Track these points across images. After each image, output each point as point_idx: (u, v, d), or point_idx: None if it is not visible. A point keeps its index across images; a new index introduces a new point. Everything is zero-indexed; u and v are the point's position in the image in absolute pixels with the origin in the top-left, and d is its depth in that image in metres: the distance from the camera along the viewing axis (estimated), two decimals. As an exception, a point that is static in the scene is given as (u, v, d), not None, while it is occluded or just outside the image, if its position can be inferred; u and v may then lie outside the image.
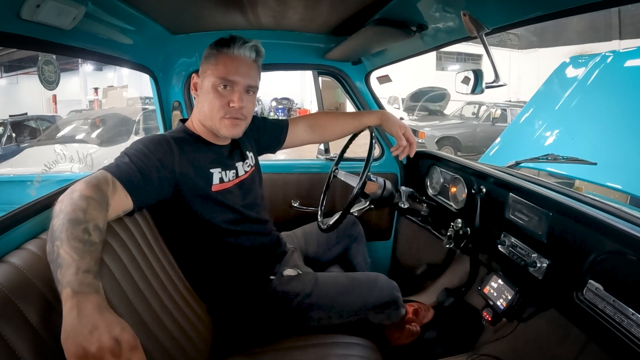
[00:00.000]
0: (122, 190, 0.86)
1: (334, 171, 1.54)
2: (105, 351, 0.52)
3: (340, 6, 1.26)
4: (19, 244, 0.75)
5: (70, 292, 0.57)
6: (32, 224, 0.81)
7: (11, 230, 0.76)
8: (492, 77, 1.08)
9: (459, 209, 1.52)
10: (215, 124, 1.09)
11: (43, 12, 0.81)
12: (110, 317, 0.56)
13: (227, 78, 1.06)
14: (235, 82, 1.07)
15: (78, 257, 0.63)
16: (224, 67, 1.06)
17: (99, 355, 0.51)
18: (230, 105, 1.07)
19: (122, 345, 0.53)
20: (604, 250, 0.90)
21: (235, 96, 1.07)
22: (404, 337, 1.38)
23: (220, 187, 1.11)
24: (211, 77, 1.07)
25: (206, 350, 1.07)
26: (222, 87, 1.07)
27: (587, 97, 3.07)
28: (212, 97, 1.07)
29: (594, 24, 14.45)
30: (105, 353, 0.52)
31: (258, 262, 1.20)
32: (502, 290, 1.31)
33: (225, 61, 1.07)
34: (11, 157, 5.56)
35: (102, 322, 0.54)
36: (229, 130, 1.10)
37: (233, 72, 1.06)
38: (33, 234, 0.79)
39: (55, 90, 7.77)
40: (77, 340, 0.52)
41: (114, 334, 0.54)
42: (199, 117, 1.13)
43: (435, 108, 12.25)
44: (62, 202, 0.73)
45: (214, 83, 1.07)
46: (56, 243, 0.65)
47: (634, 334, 0.80)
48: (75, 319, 0.54)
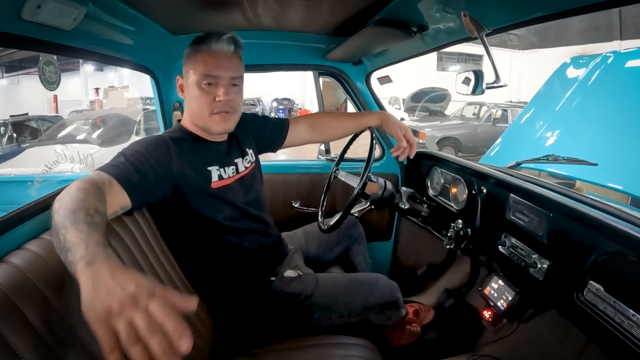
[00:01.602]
0: (119, 187, 0.86)
1: (335, 172, 1.54)
2: (125, 308, 0.51)
3: (341, 7, 1.26)
4: (19, 244, 0.75)
5: (83, 265, 0.58)
6: (32, 224, 0.81)
7: (12, 231, 0.76)
8: (492, 78, 1.08)
9: (459, 209, 1.52)
10: (206, 121, 1.10)
11: (44, 12, 0.81)
12: (123, 277, 0.55)
13: (209, 74, 1.06)
14: (218, 77, 1.07)
15: (85, 236, 0.63)
16: (203, 63, 1.06)
17: (120, 312, 0.50)
18: (217, 99, 1.07)
19: (139, 297, 0.52)
20: (604, 251, 0.90)
21: (220, 90, 1.07)
22: (405, 337, 1.38)
23: (220, 183, 1.11)
24: (193, 75, 1.07)
25: (207, 350, 1.07)
26: (206, 84, 1.07)
27: (587, 97, 3.07)
28: (198, 95, 1.07)
29: (594, 25, 14.44)
30: (125, 309, 0.50)
31: (259, 263, 1.20)
32: (502, 290, 1.31)
33: (204, 57, 1.07)
34: (12, 157, 5.57)
35: (116, 284, 0.54)
36: (220, 125, 1.11)
37: (214, 67, 1.06)
38: (34, 234, 0.79)
39: (56, 90, 7.77)
40: (96, 307, 0.52)
41: (129, 291, 0.52)
42: (190, 117, 1.14)
43: (436, 109, 12.24)
44: (60, 199, 0.73)
45: (197, 80, 1.07)
46: (61, 232, 0.65)
47: (634, 334, 0.80)
48: (91, 288, 0.54)
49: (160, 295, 0.52)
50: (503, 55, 17.43)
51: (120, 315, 0.49)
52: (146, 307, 0.50)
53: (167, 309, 0.50)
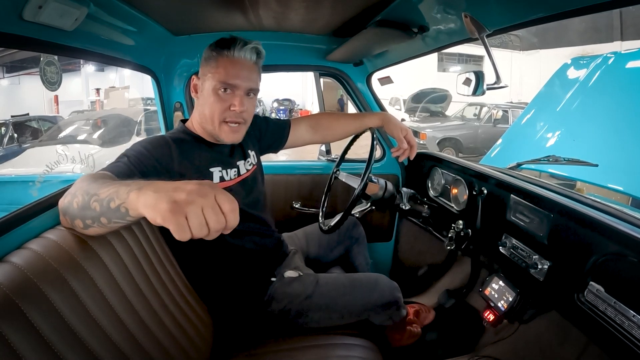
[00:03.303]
0: None
1: (335, 172, 1.54)
2: (193, 193, 0.55)
3: (342, 8, 1.26)
4: (20, 243, 0.75)
5: (136, 192, 0.61)
6: (33, 224, 0.81)
7: (13, 230, 0.76)
8: (493, 79, 1.08)
9: (460, 210, 1.52)
10: (215, 128, 1.09)
11: (45, 13, 0.82)
12: (182, 181, 0.59)
13: (227, 82, 1.05)
14: (236, 86, 1.06)
15: (119, 184, 0.66)
16: (224, 70, 1.05)
17: (190, 199, 0.55)
18: (231, 109, 1.07)
19: (204, 185, 0.57)
20: (605, 252, 0.89)
21: (236, 100, 1.07)
22: (405, 338, 1.38)
23: (221, 185, 1.11)
24: (212, 80, 1.06)
25: (207, 351, 1.07)
26: (223, 91, 1.06)
27: (588, 98, 3.06)
28: (212, 101, 1.07)
29: (595, 25, 14.45)
30: (194, 195, 0.55)
31: (259, 264, 1.20)
32: (503, 291, 1.31)
33: (226, 64, 1.06)
34: (13, 158, 5.57)
35: (178, 183, 0.58)
36: (229, 136, 1.11)
37: (234, 76, 1.05)
38: (34, 234, 0.79)
39: (57, 90, 7.77)
40: (164, 201, 0.55)
41: (194, 182, 0.58)
42: (200, 120, 1.13)
43: (437, 109, 12.22)
44: (67, 194, 0.75)
45: (214, 87, 1.06)
46: (92, 199, 0.68)
47: (635, 335, 0.80)
48: (153, 194, 0.58)
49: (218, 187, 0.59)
50: (504, 56, 17.43)
51: (192, 204, 0.55)
52: (213, 196, 0.56)
53: (226, 195, 0.57)
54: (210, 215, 0.55)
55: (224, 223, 0.57)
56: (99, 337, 0.73)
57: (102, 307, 0.76)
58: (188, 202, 0.54)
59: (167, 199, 0.55)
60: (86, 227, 0.74)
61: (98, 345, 0.72)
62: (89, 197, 0.69)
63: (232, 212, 0.57)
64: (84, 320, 0.71)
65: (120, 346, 0.77)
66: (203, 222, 0.55)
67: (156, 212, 0.56)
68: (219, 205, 0.56)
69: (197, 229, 0.55)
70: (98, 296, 0.77)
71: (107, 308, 0.78)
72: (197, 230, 0.55)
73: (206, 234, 0.56)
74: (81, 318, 0.71)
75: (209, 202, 0.55)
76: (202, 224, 0.55)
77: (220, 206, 0.56)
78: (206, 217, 0.55)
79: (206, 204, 0.55)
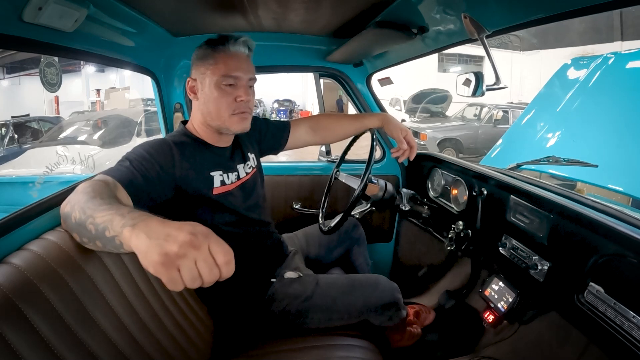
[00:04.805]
0: (123, 192, 0.86)
1: (336, 173, 1.54)
2: (186, 245, 0.53)
3: (342, 8, 1.26)
4: (20, 244, 0.75)
5: (129, 230, 0.59)
6: (33, 225, 0.81)
7: (13, 232, 0.76)
8: (493, 79, 1.08)
9: (460, 211, 1.52)
10: (225, 122, 1.10)
11: (45, 14, 0.82)
12: (174, 224, 0.57)
13: (230, 74, 1.07)
14: (238, 78, 1.08)
15: (115, 211, 0.65)
16: (224, 64, 1.07)
17: (182, 252, 0.53)
18: (238, 100, 1.08)
19: (197, 236, 0.55)
20: (605, 252, 0.89)
21: (241, 91, 1.08)
22: (405, 339, 1.38)
23: (221, 189, 1.11)
24: (212, 76, 1.07)
25: (207, 351, 1.07)
26: (226, 85, 1.07)
27: (588, 99, 3.06)
28: (217, 96, 1.07)
29: (595, 26, 14.45)
30: (186, 248, 0.53)
31: (259, 265, 1.20)
32: (503, 292, 1.31)
33: (225, 59, 1.07)
34: (13, 159, 5.58)
35: (171, 228, 0.56)
36: (239, 125, 1.11)
37: (235, 68, 1.07)
38: (35, 235, 0.79)
39: (57, 91, 7.79)
40: (155, 252, 0.54)
41: (187, 230, 0.55)
42: (203, 119, 1.13)
43: (437, 110, 12.22)
44: (68, 202, 0.76)
45: (217, 81, 1.07)
46: (88, 222, 0.67)
47: (634, 336, 0.80)
48: (145, 240, 0.56)
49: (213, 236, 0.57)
50: (504, 56, 17.43)
51: (184, 257, 0.53)
52: (207, 248, 0.54)
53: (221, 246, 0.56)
54: (203, 268, 0.54)
55: (218, 275, 0.55)
56: (99, 338, 0.73)
57: (102, 308, 0.76)
58: (180, 255, 0.53)
59: (159, 250, 0.53)
60: (83, 242, 0.75)
61: (98, 346, 0.72)
62: (85, 217, 0.69)
63: (226, 265, 0.55)
64: (84, 321, 0.72)
65: (121, 347, 0.77)
66: (196, 275, 0.53)
67: (148, 262, 0.54)
68: (213, 256, 0.55)
69: (189, 282, 0.53)
70: (98, 297, 0.77)
71: (107, 309, 0.78)
72: (190, 283, 0.54)
73: (199, 285, 0.55)
74: (81, 319, 0.71)
75: (202, 254, 0.54)
76: (195, 277, 0.54)
77: (214, 258, 0.55)
78: (200, 270, 0.53)
79: (199, 257, 0.53)
